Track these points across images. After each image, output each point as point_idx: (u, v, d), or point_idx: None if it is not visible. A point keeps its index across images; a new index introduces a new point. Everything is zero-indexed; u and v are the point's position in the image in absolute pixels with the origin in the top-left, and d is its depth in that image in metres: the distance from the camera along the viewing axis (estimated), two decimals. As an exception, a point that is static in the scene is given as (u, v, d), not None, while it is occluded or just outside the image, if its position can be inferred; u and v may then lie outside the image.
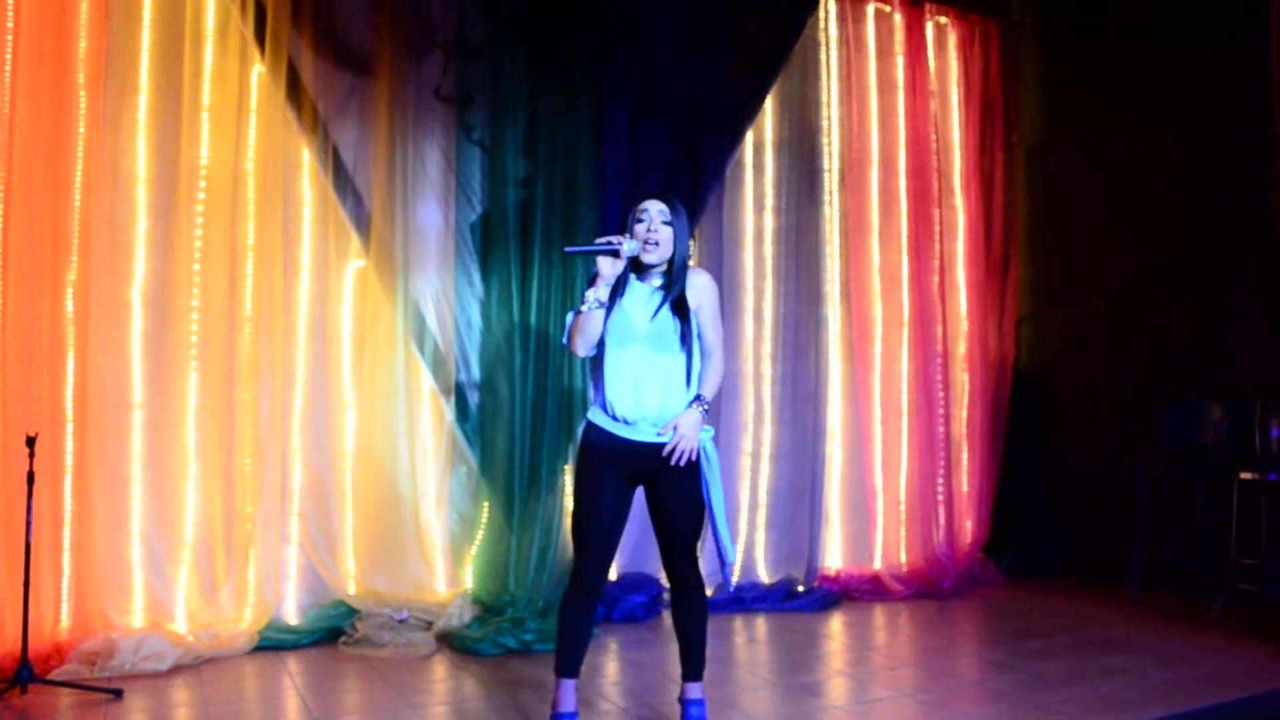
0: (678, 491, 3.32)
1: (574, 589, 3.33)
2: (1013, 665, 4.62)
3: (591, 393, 3.45)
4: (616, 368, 3.31)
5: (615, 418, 3.32)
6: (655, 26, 5.75)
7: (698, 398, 3.32)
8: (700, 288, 3.38)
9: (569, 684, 3.36)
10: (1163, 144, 6.36)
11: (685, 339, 3.32)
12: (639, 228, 3.33)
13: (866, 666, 4.71)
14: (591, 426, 3.38)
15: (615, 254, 3.24)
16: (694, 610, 3.44)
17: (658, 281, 3.38)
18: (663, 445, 3.25)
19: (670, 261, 3.36)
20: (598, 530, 3.32)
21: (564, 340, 3.40)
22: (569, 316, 3.39)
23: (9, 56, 4.33)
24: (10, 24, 4.34)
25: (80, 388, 4.51)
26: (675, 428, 3.24)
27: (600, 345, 3.34)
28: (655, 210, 3.35)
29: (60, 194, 4.46)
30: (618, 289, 3.35)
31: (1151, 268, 6.40)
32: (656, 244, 3.31)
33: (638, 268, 3.38)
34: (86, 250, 4.54)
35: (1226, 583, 5.56)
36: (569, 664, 3.36)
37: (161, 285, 4.80)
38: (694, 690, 3.46)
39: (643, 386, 3.29)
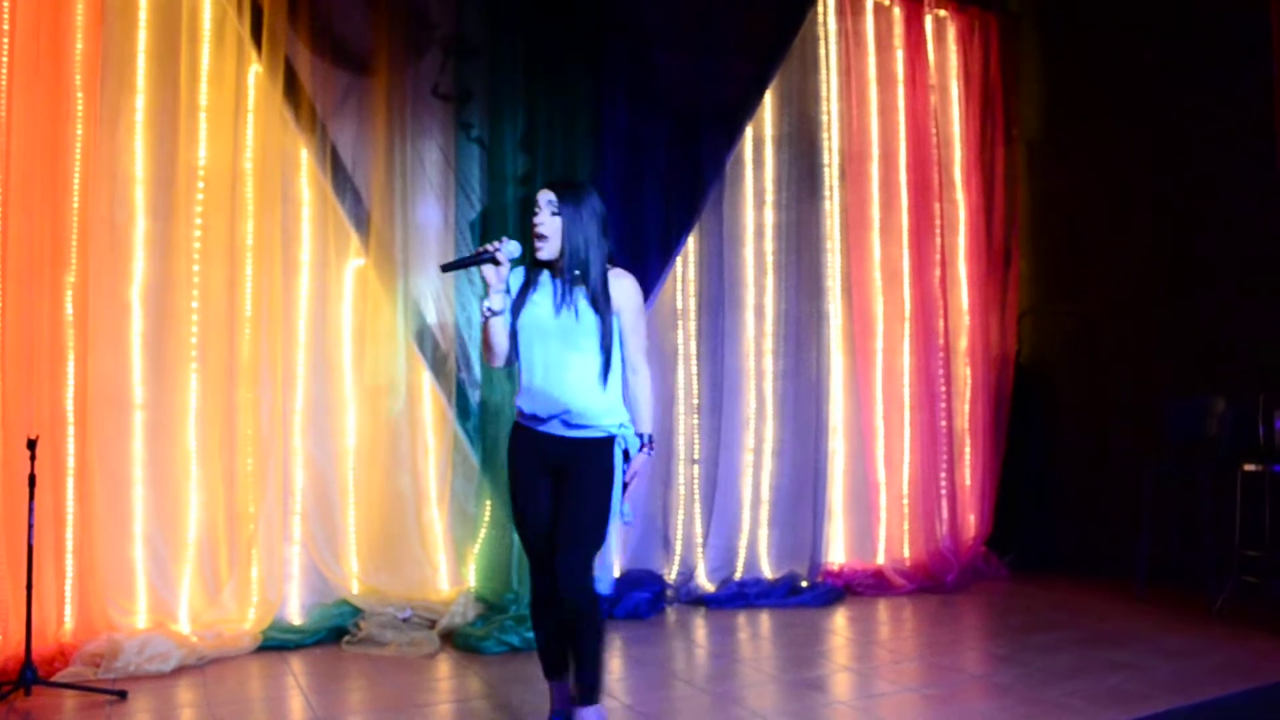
0: (578, 490, 3.19)
1: (535, 597, 3.30)
2: (1017, 659, 4.61)
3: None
4: (528, 365, 3.21)
5: (528, 416, 3.24)
6: (653, 22, 5.73)
7: (647, 439, 3.26)
8: (621, 291, 3.24)
9: (559, 685, 3.36)
10: (1164, 137, 6.34)
11: (603, 338, 3.18)
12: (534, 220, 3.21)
13: (870, 661, 4.70)
14: (515, 426, 3.32)
15: (494, 261, 3.14)
16: (583, 630, 3.19)
17: (567, 277, 3.21)
18: (573, 440, 3.19)
19: (575, 254, 3.18)
20: (529, 541, 3.26)
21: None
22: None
23: (5, 59, 4.31)
24: (6, 25, 4.32)
25: (81, 389, 4.50)
26: (636, 475, 3.27)
27: (516, 343, 3.25)
28: (544, 201, 3.20)
29: (58, 195, 4.46)
30: (531, 285, 3.25)
31: (1153, 261, 6.38)
32: (545, 237, 3.18)
33: (549, 263, 3.24)
34: (85, 251, 4.53)
35: (1231, 575, 5.54)
36: (551, 668, 3.35)
37: (161, 286, 4.79)
38: (586, 715, 3.23)
39: (554, 384, 3.16)
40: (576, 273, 3.17)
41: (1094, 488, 6.65)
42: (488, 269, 3.15)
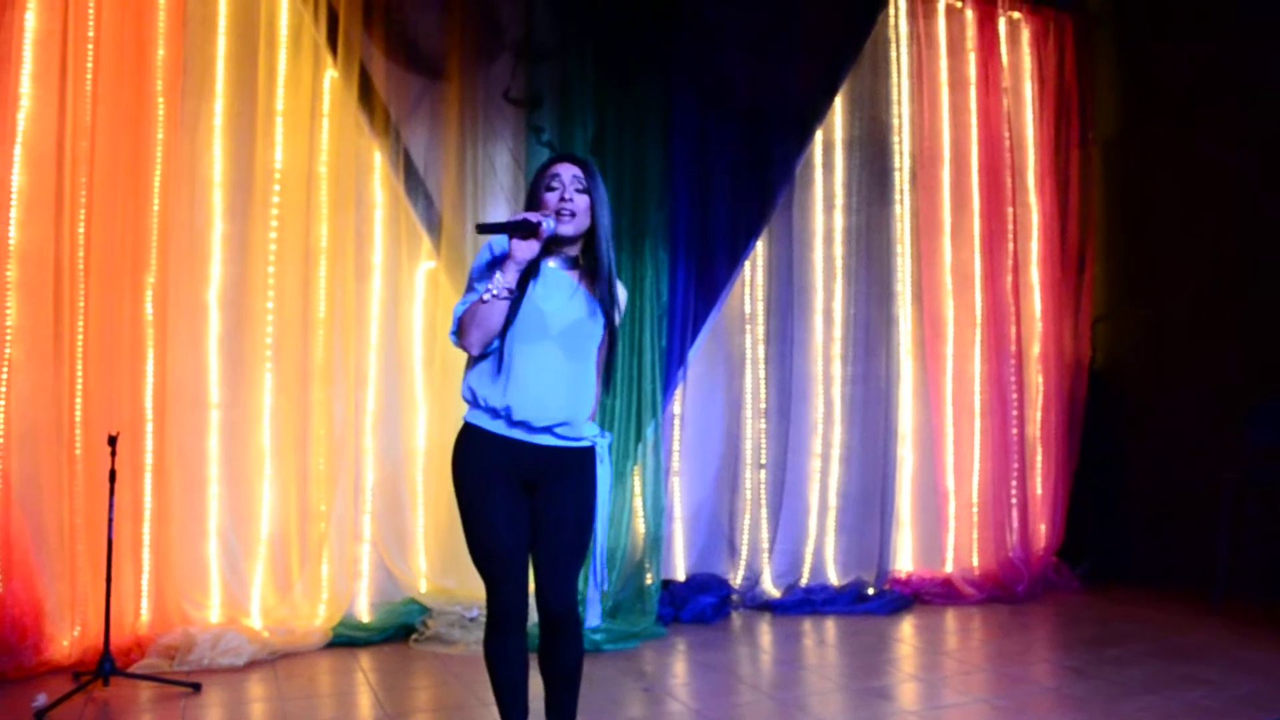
0: (565, 497, 2.83)
1: (492, 627, 2.86)
2: (1090, 672, 4.52)
3: (470, 391, 2.86)
4: (523, 367, 2.75)
5: (515, 423, 2.76)
6: (724, 24, 5.73)
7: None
8: (624, 295, 3.01)
9: None
10: (1242, 138, 6.18)
11: (602, 345, 2.90)
12: (550, 195, 2.79)
13: (939, 671, 4.64)
14: (476, 432, 2.83)
15: (535, 233, 2.70)
16: (568, 658, 2.91)
17: (577, 272, 2.88)
18: (561, 450, 2.81)
19: (590, 241, 2.85)
20: (500, 559, 2.80)
21: (452, 334, 2.82)
22: (458, 307, 2.80)
23: (90, 65, 4.45)
24: (91, 33, 4.45)
25: (160, 388, 4.61)
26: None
27: (499, 339, 2.78)
28: (569, 175, 2.80)
29: (140, 198, 4.57)
30: (529, 274, 2.78)
31: (1231, 265, 6.22)
32: (573, 214, 2.78)
33: (550, 250, 2.84)
34: (165, 253, 4.64)
35: (1314, 589, 5.39)
36: (512, 711, 2.92)
37: (238, 287, 4.89)
38: None
39: (551, 391, 2.77)
40: (599, 268, 2.84)
41: (1170, 496, 6.50)
42: (519, 243, 2.70)
